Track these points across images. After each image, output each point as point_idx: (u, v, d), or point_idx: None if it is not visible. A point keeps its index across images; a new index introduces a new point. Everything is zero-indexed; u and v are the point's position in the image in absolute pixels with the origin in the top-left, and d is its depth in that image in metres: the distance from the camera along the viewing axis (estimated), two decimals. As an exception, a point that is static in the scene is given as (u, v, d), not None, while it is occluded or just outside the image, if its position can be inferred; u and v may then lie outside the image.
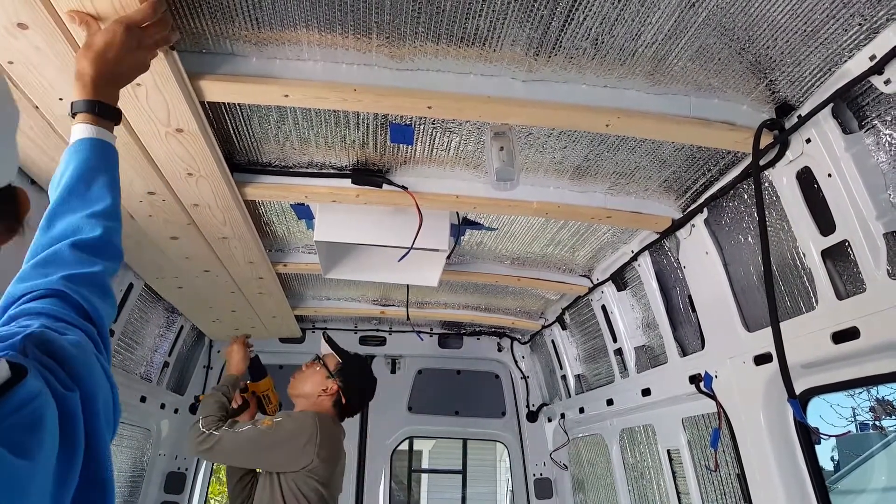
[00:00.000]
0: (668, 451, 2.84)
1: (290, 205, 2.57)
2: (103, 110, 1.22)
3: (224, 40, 1.66)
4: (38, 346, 0.85)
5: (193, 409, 4.04)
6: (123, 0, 1.25)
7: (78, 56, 1.25)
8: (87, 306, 1.02)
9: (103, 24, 1.28)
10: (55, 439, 0.77)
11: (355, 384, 2.80)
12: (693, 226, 2.32)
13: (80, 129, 1.21)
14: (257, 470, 2.81)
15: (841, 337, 1.69)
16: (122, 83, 1.30)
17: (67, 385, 0.83)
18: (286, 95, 1.74)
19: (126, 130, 1.72)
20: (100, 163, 1.18)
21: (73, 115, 1.22)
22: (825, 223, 1.73)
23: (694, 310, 2.44)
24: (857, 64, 1.50)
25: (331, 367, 2.76)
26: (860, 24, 1.43)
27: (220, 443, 2.45)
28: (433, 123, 2.01)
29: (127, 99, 1.59)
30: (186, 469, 3.96)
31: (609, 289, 3.05)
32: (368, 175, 2.29)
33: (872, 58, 1.45)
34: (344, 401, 2.73)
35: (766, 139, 1.80)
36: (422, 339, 4.33)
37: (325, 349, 2.88)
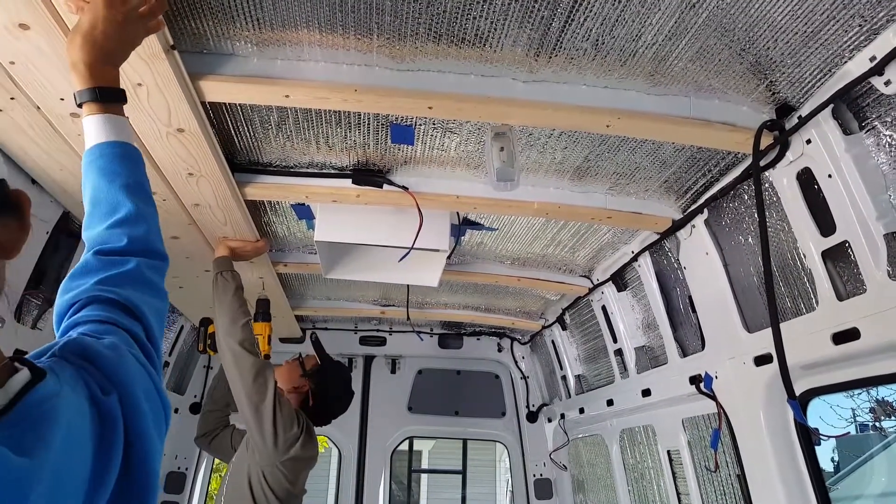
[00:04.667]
0: (669, 451, 2.84)
1: (291, 205, 2.57)
2: (106, 95, 1.16)
3: (225, 41, 1.67)
4: (76, 352, 0.87)
5: (194, 408, 4.04)
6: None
7: (67, 44, 1.18)
8: (128, 304, 1.03)
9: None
10: (76, 440, 0.77)
11: (327, 390, 2.70)
12: (693, 226, 2.32)
13: (91, 124, 1.15)
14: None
15: (841, 338, 1.69)
16: (118, 62, 1.21)
17: (105, 388, 0.85)
18: (287, 96, 1.74)
19: (127, 130, 1.72)
20: (115, 167, 1.14)
21: (80, 106, 1.16)
22: (825, 224, 1.73)
23: (694, 310, 2.44)
24: (858, 65, 1.50)
25: (308, 366, 2.70)
26: (860, 26, 1.43)
27: (269, 378, 2.31)
28: (434, 124, 2.01)
29: (128, 99, 1.59)
30: (186, 469, 3.96)
31: (609, 289, 3.05)
32: (369, 175, 2.29)
33: (873, 59, 1.45)
34: (311, 403, 2.65)
35: (766, 140, 1.80)
36: (422, 340, 4.34)
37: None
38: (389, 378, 4.51)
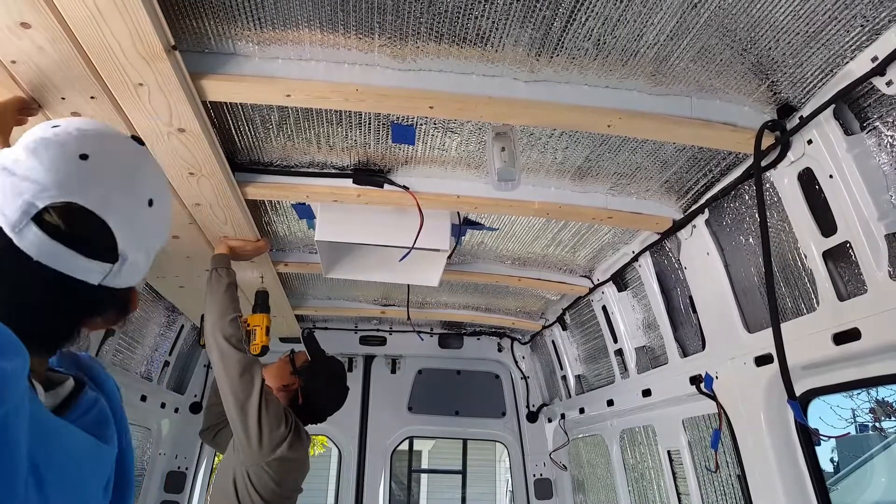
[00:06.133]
0: (669, 451, 2.84)
1: (292, 204, 2.57)
2: None
3: (227, 40, 1.67)
4: (70, 360, 1.01)
5: (193, 408, 4.04)
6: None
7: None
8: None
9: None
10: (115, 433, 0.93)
11: (318, 387, 2.62)
12: (694, 226, 2.32)
13: None
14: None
15: (842, 338, 1.69)
16: None
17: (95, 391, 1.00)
18: (288, 95, 1.74)
19: (127, 130, 1.72)
20: None
21: None
22: (826, 224, 1.73)
23: (694, 310, 2.44)
24: (859, 65, 1.50)
25: (298, 363, 2.63)
26: (862, 26, 1.43)
27: (256, 375, 2.25)
28: (435, 123, 2.01)
29: (130, 99, 1.60)
30: (186, 468, 3.96)
31: (610, 289, 3.05)
32: (370, 175, 2.29)
33: (874, 59, 1.45)
34: (300, 401, 2.57)
35: (767, 140, 1.80)
36: (422, 339, 4.33)
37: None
38: (389, 378, 4.50)
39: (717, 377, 2.29)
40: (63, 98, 1.57)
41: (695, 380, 2.42)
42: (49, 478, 0.71)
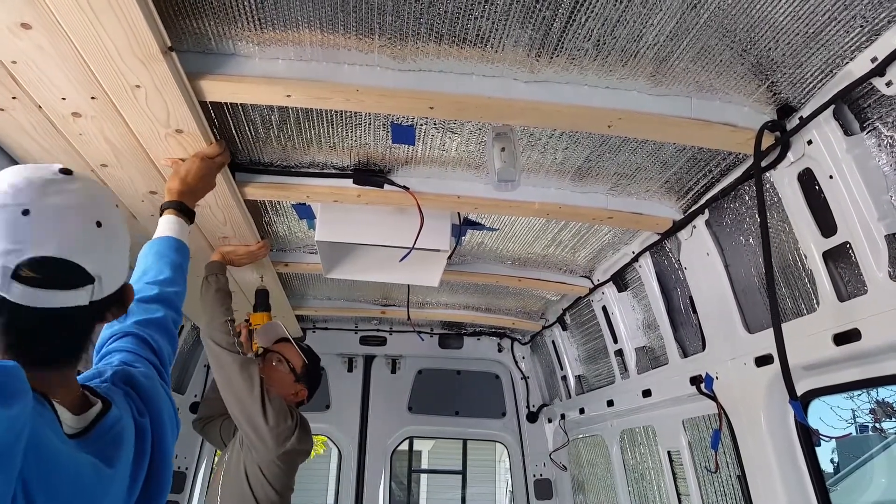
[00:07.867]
0: (669, 452, 2.84)
1: (292, 205, 2.57)
2: (184, 209, 1.81)
3: (227, 40, 1.67)
4: (123, 379, 1.18)
5: (194, 408, 4.04)
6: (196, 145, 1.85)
7: (169, 178, 1.86)
8: (152, 342, 1.38)
9: (185, 159, 1.87)
10: (131, 452, 1.06)
11: (316, 384, 2.78)
12: (694, 227, 2.32)
13: (166, 220, 1.77)
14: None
15: (842, 338, 1.69)
16: (198, 197, 1.90)
17: (141, 411, 1.14)
18: (288, 96, 1.74)
19: (126, 131, 1.73)
20: (168, 252, 1.66)
21: (162, 211, 1.78)
22: (826, 225, 1.73)
23: (695, 311, 2.44)
24: (859, 66, 1.50)
25: (298, 369, 2.66)
26: (861, 26, 1.43)
27: (254, 373, 2.32)
28: (435, 124, 2.01)
29: (127, 101, 1.60)
30: (186, 469, 3.96)
31: (610, 290, 3.05)
32: (370, 175, 2.29)
33: (874, 59, 1.45)
34: (306, 402, 2.72)
35: (767, 141, 1.80)
36: (422, 340, 4.33)
37: (268, 334, 2.79)
38: (389, 378, 4.50)
39: (717, 377, 2.29)
40: (64, 98, 1.57)
41: (695, 380, 2.42)
42: (39, 499, 0.80)
